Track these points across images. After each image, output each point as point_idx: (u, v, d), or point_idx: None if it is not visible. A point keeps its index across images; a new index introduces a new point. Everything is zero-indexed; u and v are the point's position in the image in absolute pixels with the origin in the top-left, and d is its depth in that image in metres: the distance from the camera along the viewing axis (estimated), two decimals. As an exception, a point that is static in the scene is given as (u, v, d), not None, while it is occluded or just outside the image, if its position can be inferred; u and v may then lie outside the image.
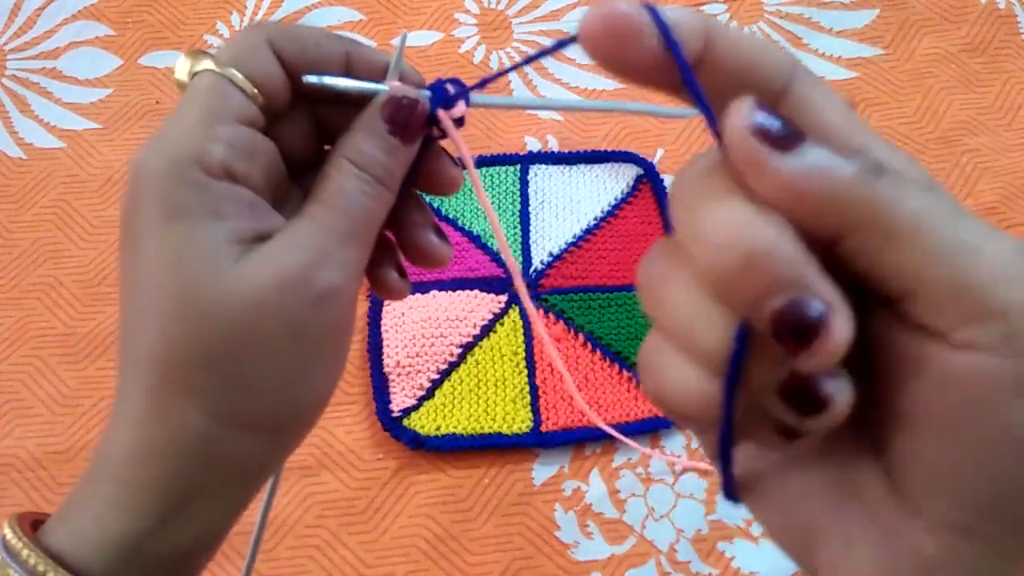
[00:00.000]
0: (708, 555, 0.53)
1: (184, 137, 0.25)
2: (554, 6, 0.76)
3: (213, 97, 0.26)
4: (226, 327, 0.25)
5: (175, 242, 0.25)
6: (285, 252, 0.26)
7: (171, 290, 0.25)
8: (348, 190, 0.27)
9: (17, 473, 0.56)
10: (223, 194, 0.25)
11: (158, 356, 0.25)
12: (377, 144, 0.27)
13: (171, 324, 0.25)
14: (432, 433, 0.56)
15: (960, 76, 0.72)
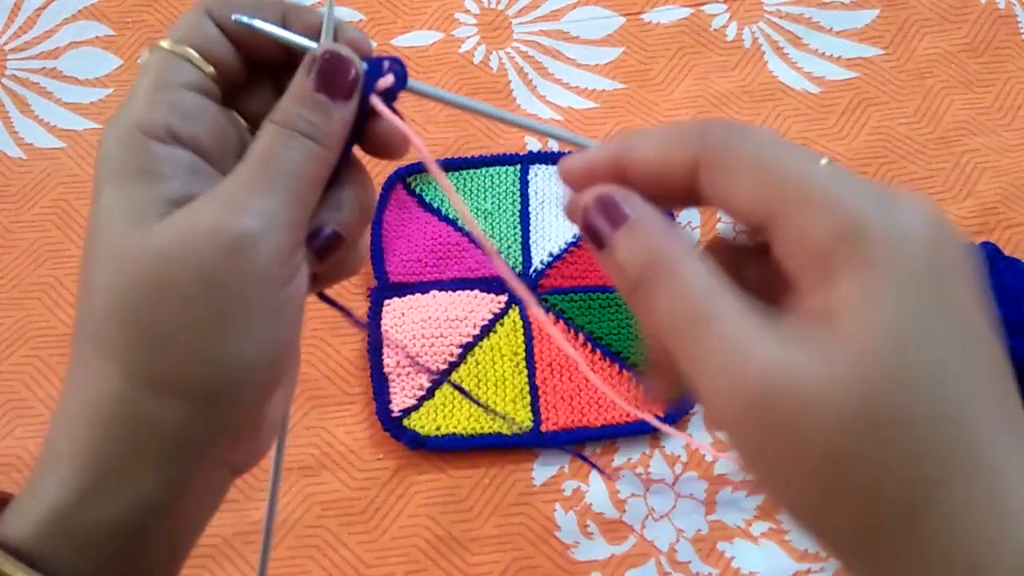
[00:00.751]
0: (708, 555, 0.53)
1: (131, 106, 0.26)
2: (554, 6, 0.76)
3: (161, 69, 0.27)
4: (141, 280, 0.25)
5: (107, 202, 0.26)
6: (200, 205, 0.25)
7: (97, 249, 0.25)
8: (268, 145, 0.26)
9: (17, 473, 0.56)
10: (162, 156, 0.26)
11: (82, 315, 0.26)
12: (300, 101, 0.27)
13: (94, 281, 0.25)
14: (432, 433, 0.56)
15: (960, 76, 0.72)
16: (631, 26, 0.75)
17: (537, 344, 0.59)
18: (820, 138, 0.69)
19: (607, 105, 0.71)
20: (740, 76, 0.72)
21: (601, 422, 0.56)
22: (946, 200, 0.66)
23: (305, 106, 0.27)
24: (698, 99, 0.71)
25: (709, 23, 0.75)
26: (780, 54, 0.74)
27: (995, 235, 0.64)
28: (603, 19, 0.76)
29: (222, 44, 0.28)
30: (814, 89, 0.72)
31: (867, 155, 0.68)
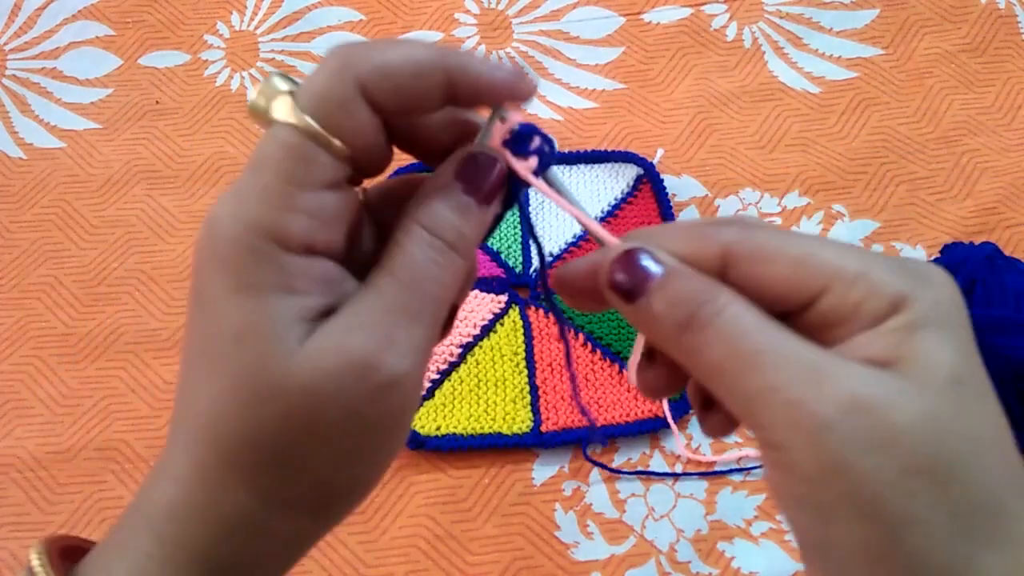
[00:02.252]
0: (708, 555, 0.53)
1: (261, 205, 0.23)
2: (554, 6, 0.76)
3: (295, 160, 0.24)
4: (281, 411, 0.24)
5: (241, 315, 0.24)
6: (348, 334, 0.24)
7: (231, 364, 0.24)
8: (417, 259, 0.25)
9: (17, 473, 0.56)
10: (297, 270, 0.24)
11: (209, 427, 0.24)
12: (450, 205, 0.25)
13: (227, 398, 0.24)
14: (432, 433, 0.56)
15: (960, 76, 0.72)
16: (631, 26, 0.75)
17: (537, 344, 0.59)
18: (820, 138, 0.69)
19: (607, 105, 0.71)
20: (740, 76, 0.72)
21: (601, 422, 0.56)
22: (946, 200, 0.66)
23: (454, 210, 0.25)
24: (698, 99, 0.71)
25: (709, 23, 0.75)
26: (780, 54, 0.74)
27: (995, 235, 0.64)
28: (603, 19, 0.76)
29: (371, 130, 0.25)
30: (814, 89, 0.72)
31: (867, 155, 0.68)
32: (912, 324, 0.22)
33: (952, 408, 0.22)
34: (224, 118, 0.71)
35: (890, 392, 0.22)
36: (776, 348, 0.23)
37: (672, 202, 0.65)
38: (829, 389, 0.22)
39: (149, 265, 0.64)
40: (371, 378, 0.24)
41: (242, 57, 0.74)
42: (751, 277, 0.24)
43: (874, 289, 0.23)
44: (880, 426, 0.21)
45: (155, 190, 0.67)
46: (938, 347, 0.22)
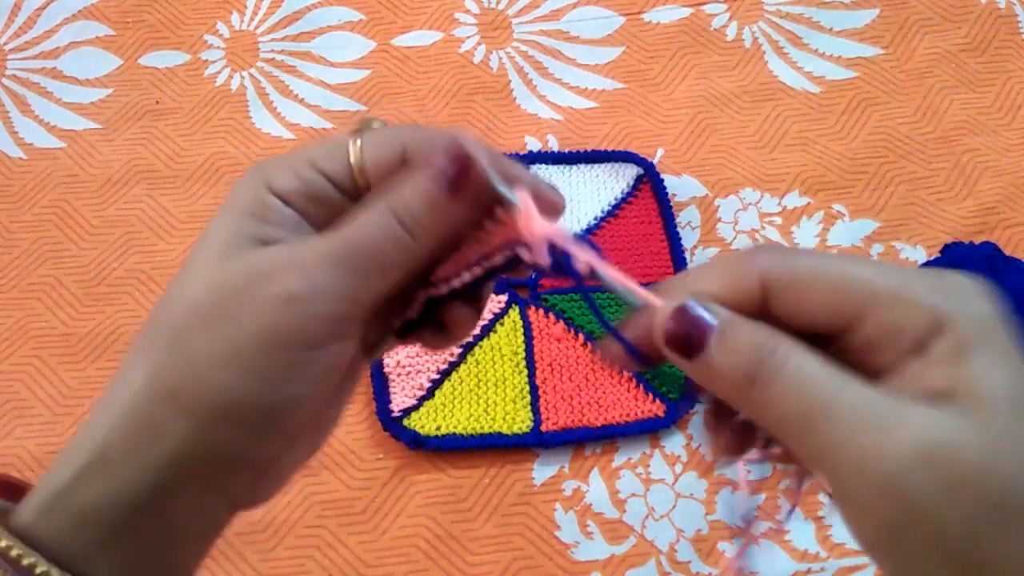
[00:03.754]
0: (708, 555, 0.53)
1: (277, 164, 0.29)
2: (554, 6, 0.76)
3: (324, 152, 0.29)
4: (193, 303, 0.27)
5: (214, 224, 0.28)
6: (270, 252, 0.27)
7: (187, 261, 0.28)
8: (362, 220, 0.28)
9: (17, 473, 0.56)
10: (272, 205, 0.28)
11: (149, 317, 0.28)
12: (415, 190, 0.28)
13: (169, 288, 0.28)
14: (432, 433, 0.56)
15: (960, 76, 0.72)
16: (631, 26, 0.75)
17: (537, 344, 0.59)
18: (820, 138, 0.69)
19: (607, 105, 0.71)
20: (740, 76, 0.72)
21: (601, 422, 0.56)
22: (946, 200, 0.66)
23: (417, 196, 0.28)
24: (698, 99, 0.71)
25: (709, 23, 0.75)
26: (780, 54, 0.74)
27: (995, 235, 0.64)
28: (603, 19, 0.76)
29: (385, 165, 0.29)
30: (814, 89, 0.72)
31: (867, 155, 0.68)
32: (958, 349, 0.23)
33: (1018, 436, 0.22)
34: (224, 118, 0.71)
35: (956, 432, 0.22)
36: (841, 399, 0.23)
37: (672, 202, 0.65)
38: (898, 438, 0.22)
39: (149, 265, 0.64)
40: (268, 287, 0.26)
41: (242, 57, 0.74)
42: (791, 304, 0.25)
43: (911, 310, 0.23)
44: (952, 470, 0.22)
45: (155, 190, 0.67)
46: (990, 372, 0.22)
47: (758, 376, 0.24)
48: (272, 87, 0.72)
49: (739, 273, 0.25)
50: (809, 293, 0.24)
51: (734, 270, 0.26)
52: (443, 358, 0.59)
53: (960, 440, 0.22)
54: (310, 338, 0.27)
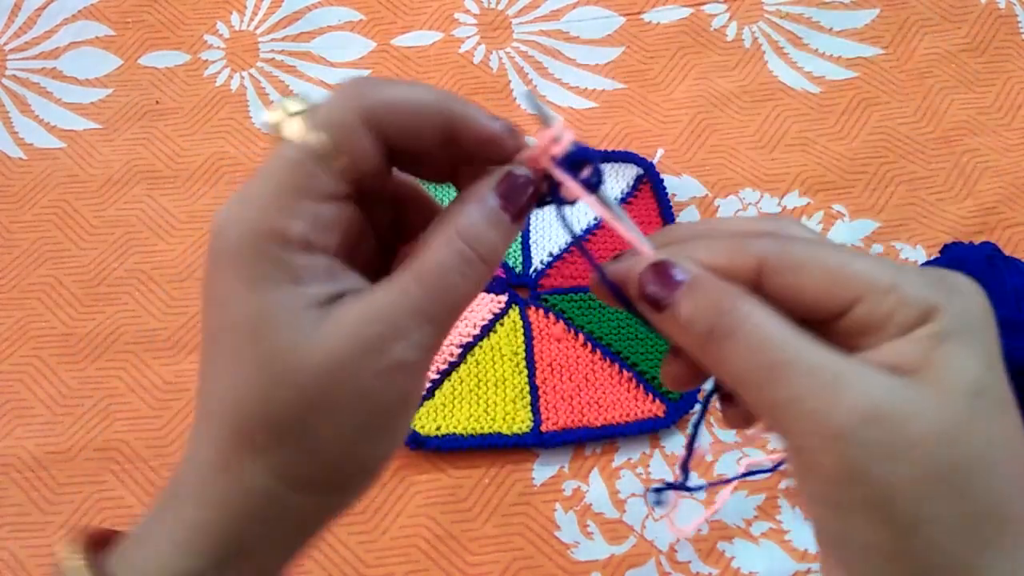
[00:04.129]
0: (708, 555, 0.53)
1: (265, 210, 0.26)
2: (554, 6, 0.76)
3: (299, 173, 0.26)
4: (297, 391, 0.25)
5: (255, 306, 0.25)
6: (363, 321, 0.25)
7: (248, 352, 0.26)
8: (447, 269, 0.26)
9: (17, 473, 0.56)
10: (300, 263, 0.26)
11: (228, 412, 0.26)
12: (488, 218, 0.27)
13: (244, 384, 0.26)
14: (432, 433, 0.56)
15: (960, 76, 0.72)
16: (631, 26, 0.75)
17: (537, 344, 0.59)
18: (820, 138, 0.69)
19: (607, 105, 0.71)
20: (740, 76, 0.72)
21: (601, 422, 0.56)
22: (946, 200, 0.66)
23: (491, 224, 0.27)
24: (698, 99, 0.71)
25: (709, 23, 0.75)
26: (780, 54, 0.74)
27: (995, 235, 0.64)
28: (603, 19, 0.76)
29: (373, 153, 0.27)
30: (814, 89, 0.72)
31: (867, 155, 0.68)
32: (940, 333, 0.23)
33: (970, 417, 0.23)
34: (224, 118, 0.71)
35: (908, 401, 0.23)
36: (798, 357, 0.24)
37: (672, 202, 0.65)
38: (848, 399, 0.23)
39: (149, 265, 0.64)
40: (381, 362, 0.25)
41: (242, 57, 0.74)
42: (786, 287, 0.25)
43: (905, 299, 0.24)
44: (896, 435, 0.22)
45: (155, 190, 0.67)
46: (963, 357, 0.23)
47: (717, 330, 0.25)
48: (272, 87, 0.72)
49: (737, 250, 0.26)
50: (804, 278, 0.25)
51: (733, 246, 0.26)
52: (443, 358, 0.59)
53: (911, 410, 0.23)
54: (417, 393, 0.28)
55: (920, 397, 0.23)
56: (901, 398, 0.23)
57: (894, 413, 0.22)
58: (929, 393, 0.23)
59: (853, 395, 0.23)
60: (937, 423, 0.22)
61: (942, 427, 0.22)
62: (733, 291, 0.25)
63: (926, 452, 0.22)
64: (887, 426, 0.22)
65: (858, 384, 0.23)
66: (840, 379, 0.23)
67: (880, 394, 0.23)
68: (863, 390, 0.23)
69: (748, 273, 0.26)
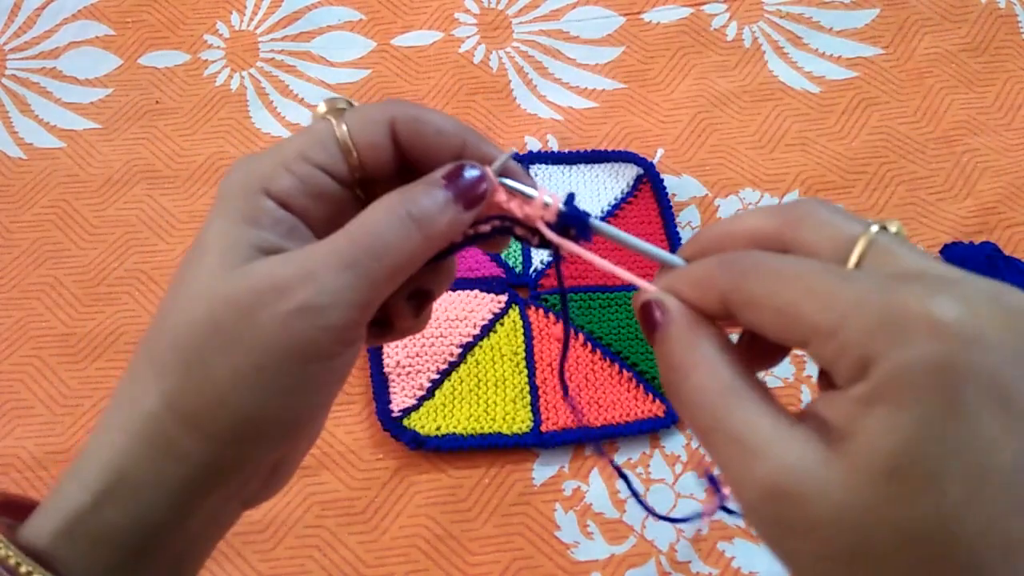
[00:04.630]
0: (708, 555, 0.53)
1: (266, 162, 0.28)
2: (554, 6, 0.76)
3: (312, 142, 0.28)
4: (204, 321, 0.26)
5: (208, 233, 0.27)
6: (280, 261, 0.26)
7: (185, 276, 0.27)
8: (370, 218, 0.27)
9: (17, 473, 0.56)
10: (267, 209, 0.27)
11: (150, 333, 0.27)
12: (429, 193, 0.28)
13: (169, 306, 0.27)
14: (432, 433, 0.56)
15: (960, 76, 0.72)
16: (631, 26, 0.75)
17: (537, 344, 0.59)
18: (820, 138, 0.69)
19: (607, 105, 0.71)
20: (740, 76, 0.72)
21: (601, 422, 0.56)
22: (946, 200, 0.66)
23: (428, 196, 0.28)
24: (698, 99, 0.71)
25: (709, 23, 0.75)
26: (780, 54, 0.74)
27: (995, 235, 0.64)
28: (603, 19, 0.76)
29: (384, 151, 0.29)
30: (814, 89, 0.72)
31: (867, 155, 0.68)
32: (868, 395, 0.21)
33: (878, 500, 0.21)
34: (224, 118, 0.71)
35: (816, 479, 0.22)
36: (726, 423, 0.24)
37: (672, 202, 0.65)
38: (758, 473, 0.23)
39: (149, 265, 0.64)
40: (284, 302, 0.26)
41: (242, 57, 0.74)
42: (748, 322, 0.25)
43: (845, 348, 0.22)
44: (797, 514, 0.22)
45: (155, 190, 0.67)
46: (884, 430, 0.21)
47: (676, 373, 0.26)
48: (272, 87, 0.72)
49: (704, 286, 0.26)
50: (759, 317, 0.25)
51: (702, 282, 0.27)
52: (443, 358, 0.59)
53: (815, 489, 0.22)
54: (327, 348, 0.27)
55: (830, 475, 0.22)
56: (810, 475, 0.22)
57: (800, 491, 0.22)
58: (840, 471, 0.21)
59: (763, 470, 0.23)
60: (840, 506, 0.21)
61: (843, 510, 0.21)
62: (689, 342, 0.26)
63: (827, 535, 0.22)
64: (787, 505, 0.22)
65: (772, 458, 0.23)
66: (756, 451, 0.23)
67: (789, 469, 0.22)
68: (774, 465, 0.22)
69: (716, 307, 0.26)
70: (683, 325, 0.26)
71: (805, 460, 0.22)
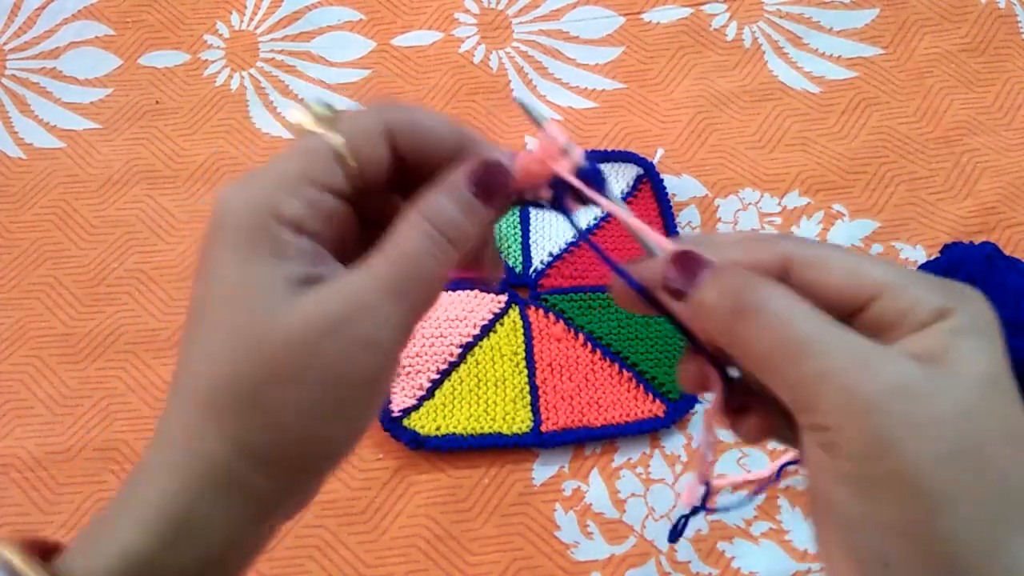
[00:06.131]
0: (708, 555, 0.53)
1: (268, 189, 0.27)
2: (554, 6, 0.76)
3: (309, 160, 0.27)
4: (262, 362, 0.26)
5: (234, 275, 0.26)
6: (325, 298, 0.26)
7: (222, 319, 0.26)
8: (411, 246, 0.27)
9: (17, 473, 0.56)
10: (288, 241, 0.27)
11: (197, 380, 0.26)
12: (453, 199, 0.28)
13: (214, 351, 0.26)
14: (432, 433, 0.56)
15: (960, 76, 0.72)
16: (631, 26, 0.75)
17: (537, 344, 0.59)
18: (820, 138, 0.69)
19: (607, 105, 0.71)
20: (740, 76, 0.72)
21: (601, 422, 0.56)
22: (946, 200, 0.66)
23: (458, 207, 0.27)
24: (698, 99, 0.71)
25: (709, 23, 0.75)
26: (780, 54, 0.74)
27: (995, 235, 0.64)
28: (603, 19, 0.76)
29: (383, 161, 0.28)
30: (814, 89, 0.72)
31: (867, 155, 0.68)
32: (956, 330, 0.24)
33: (988, 403, 0.24)
34: (224, 118, 0.71)
35: (934, 382, 0.24)
36: (825, 336, 0.24)
37: (672, 202, 0.65)
38: (879, 374, 0.24)
39: (149, 265, 0.64)
40: (345, 339, 0.26)
41: (242, 57, 0.74)
42: (809, 283, 0.26)
43: (921, 299, 0.25)
44: (925, 410, 0.23)
45: (155, 190, 0.67)
46: (977, 351, 0.24)
47: (745, 310, 0.25)
48: (272, 87, 0.72)
49: (763, 247, 0.27)
50: (827, 274, 0.26)
51: (757, 244, 0.27)
52: (443, 358, 0.59)
53: (937, 389, 0.23)
54: (384, 373, 0.27)
55: (944, 379, 0.23)
56: (927, 378, 0.23)
57: (922, 390, 0.23)
58: (951, 376, 0.24)
59: (883, 371, 0.24)
60: (961, 403, 0.23)
61: (965, 407, 0.23)
62: (756, 276, 0.26)
63: (953, 428, 0.23)
64: (916, 401, 0.23)
65: (887, 362, 0.24)
66: (871, 355, 0.24)
67: (908, 372, 0.24)
68: (893, 367, 0.24)
69: (773, 268, 0.26)
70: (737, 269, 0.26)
71: (921, 367, 0.24)
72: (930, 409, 0.23)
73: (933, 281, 0.26)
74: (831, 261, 0.26)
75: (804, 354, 0.24)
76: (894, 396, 0.23)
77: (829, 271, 0.26)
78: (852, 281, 0.26)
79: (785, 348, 0.25)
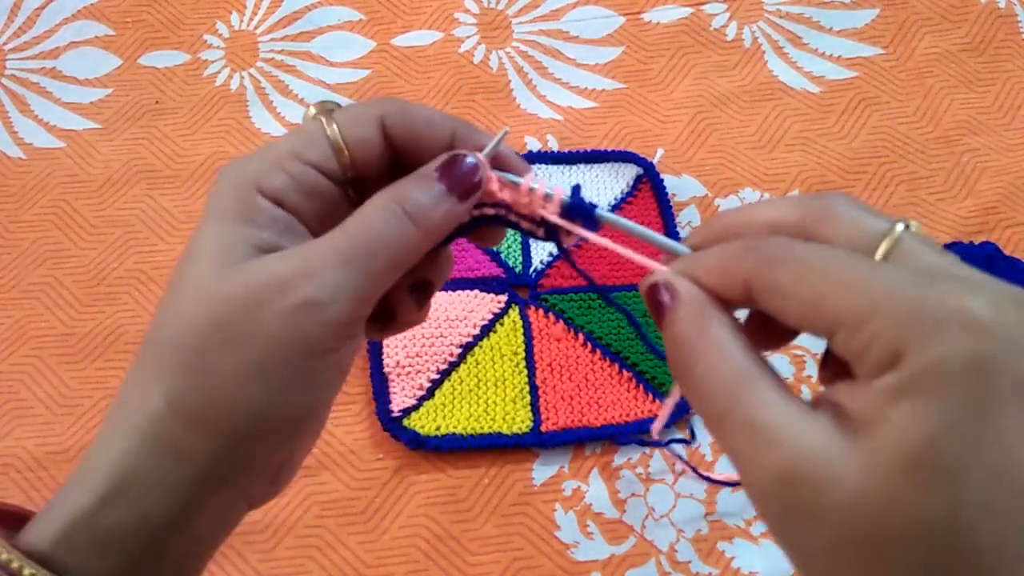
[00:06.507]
0: (708, 555, 0.53)
1: (259, 162, 0.29)
2: (554, 5, 0.76)
3: (304, 140, 0.29)
4: (205, 318, 0.26)
5: (204, 235, 0.27)
6: (278, 259, 0.27)
7: (184, 279, 0.27)
8: (367, 214, 0.27)
9: (17, 473, 0.56)
10: (262, 207, 0.28)
11: (152, 331, 0.27)
12: (423, 188, 0.28)
13: (170, 310, 0.27)
14: (432, 433, 0.56)
15: (960, 76, 0.72)
16: (631, 26, 0.75)
17: (537, 344, 0.59)
18: (820, 138, 0.69)
19: (607, 105, 0.71)
20: (740, 76, 0.72)
21: (601, 422, 0.56)
22: (946, 200, 0.66)
23: (422, 190, 0.28)
24: (698, 99, 0.71)
25: (709, 23, 0.75)
26: (780, 54, 0.74)
27: (995, 235, 0.64)
28: (603, 19, 0.76)
29: (374, 146, 0.29)
30: (814, 89, 0.72)
31: (867, 155, 0.68)
32: (898, 388, 0.21)
33: (896, 490, 0.21)
34: (224, 118, 0.71)
35: (833, 465, 0.22)
36: (736, 408, 0.23)
37: (672, 202, 0.65)
38: (771, 457, 0.22)
39: (149, 265, 0.64)
40: (285, 298, 0.26)
41: (242, 57, 0.74)
42: (771, 309, 0.25)
43: (876, 337, 0.22)
44: (811, 500, 0.22)
45: (155, 190, 0.67)
46: (912, 421, 0.21)
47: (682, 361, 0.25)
48: (272, 87, 0.72)
49: (728, 271, 0.26)
50: (784, 304, 0.24)
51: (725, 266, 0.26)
52: (443, 358, 0.59)
53: (832, 474, 0.21)
54: (328, 343, 0.27)
55: (848, 462, 0.21)
56: (826, 462, 0.22)
57: (816, 477, 0.22)
58: (860, 459, 0.21)
59: (778, 455, 0.22)
60: (855, 494, 0.21)
61: (860, 499, 0.21)
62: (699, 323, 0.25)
63: (840, 522, 0.21)
64: (801, 491, 0.22)
65: (788, 443, 0.22)
66: (771, 436, 0.23)
67: (806, 455, 0.22)
68: (790, 450, 0.22)
69: (738, 294, 0.25)
70: (693, 307, 0.25)
71: (822, 447, 0.22)
72: (818, 499, 0.21)
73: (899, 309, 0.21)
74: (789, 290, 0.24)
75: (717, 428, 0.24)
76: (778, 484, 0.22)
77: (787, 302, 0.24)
78: (807, 316, 0.23)
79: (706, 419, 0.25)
